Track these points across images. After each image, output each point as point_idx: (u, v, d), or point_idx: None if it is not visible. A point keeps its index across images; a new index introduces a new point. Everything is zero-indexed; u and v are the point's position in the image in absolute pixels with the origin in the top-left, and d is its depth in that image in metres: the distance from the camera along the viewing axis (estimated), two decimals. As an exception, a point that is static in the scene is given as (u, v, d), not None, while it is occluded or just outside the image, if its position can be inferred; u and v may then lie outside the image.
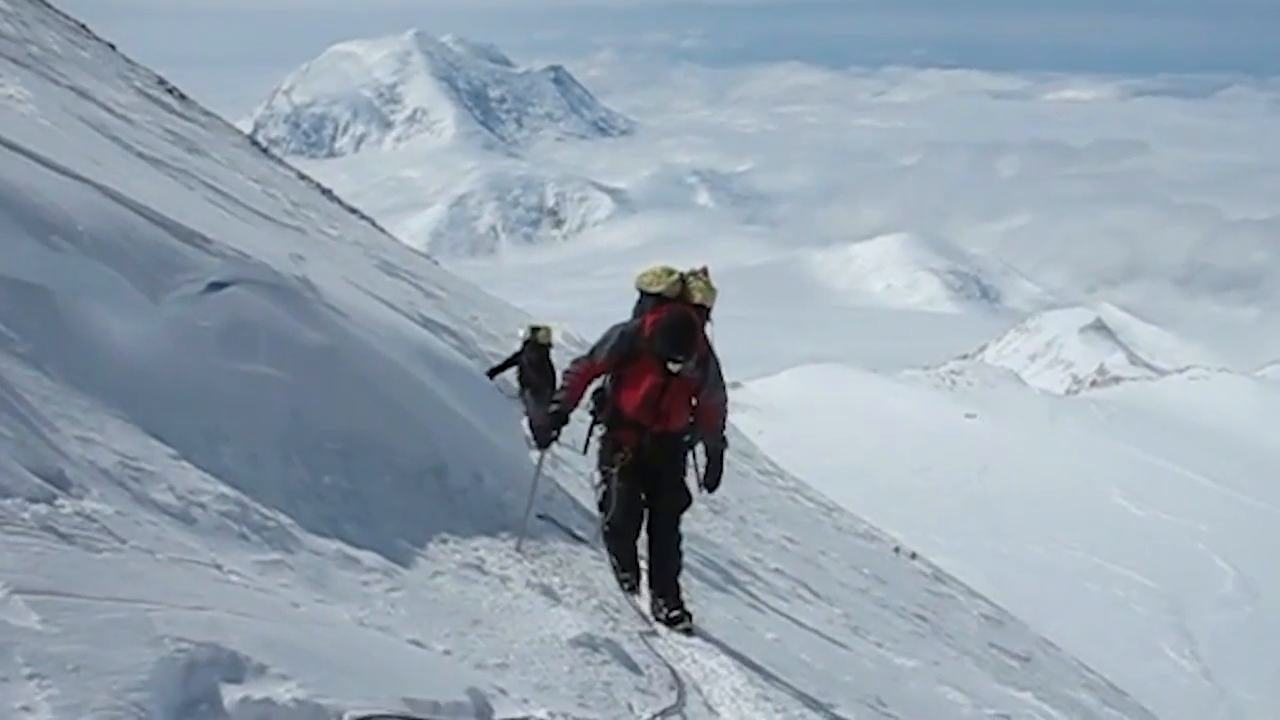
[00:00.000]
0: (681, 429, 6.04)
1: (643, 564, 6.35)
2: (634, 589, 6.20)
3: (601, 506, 6.23)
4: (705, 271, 6.17)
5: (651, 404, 5.91)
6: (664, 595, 6.04)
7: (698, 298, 5.97)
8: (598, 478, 6.24)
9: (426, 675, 3.64)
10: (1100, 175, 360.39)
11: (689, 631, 5.92)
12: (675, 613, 5.95)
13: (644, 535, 6.28)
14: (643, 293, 6.16)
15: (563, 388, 6.11)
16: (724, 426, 6.18)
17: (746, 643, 6.54)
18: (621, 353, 5.94)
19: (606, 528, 6.25)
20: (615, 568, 6.25)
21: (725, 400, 6.14)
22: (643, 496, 6.15)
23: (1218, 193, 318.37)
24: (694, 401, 6.06)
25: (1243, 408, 54.66)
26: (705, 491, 6.26)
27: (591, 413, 6.38)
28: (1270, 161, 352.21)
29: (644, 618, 5.94)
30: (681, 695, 4.84)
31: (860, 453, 39.85)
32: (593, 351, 6.07)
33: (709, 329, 6.02)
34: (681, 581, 6.23)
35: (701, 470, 6.23)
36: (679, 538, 6.17)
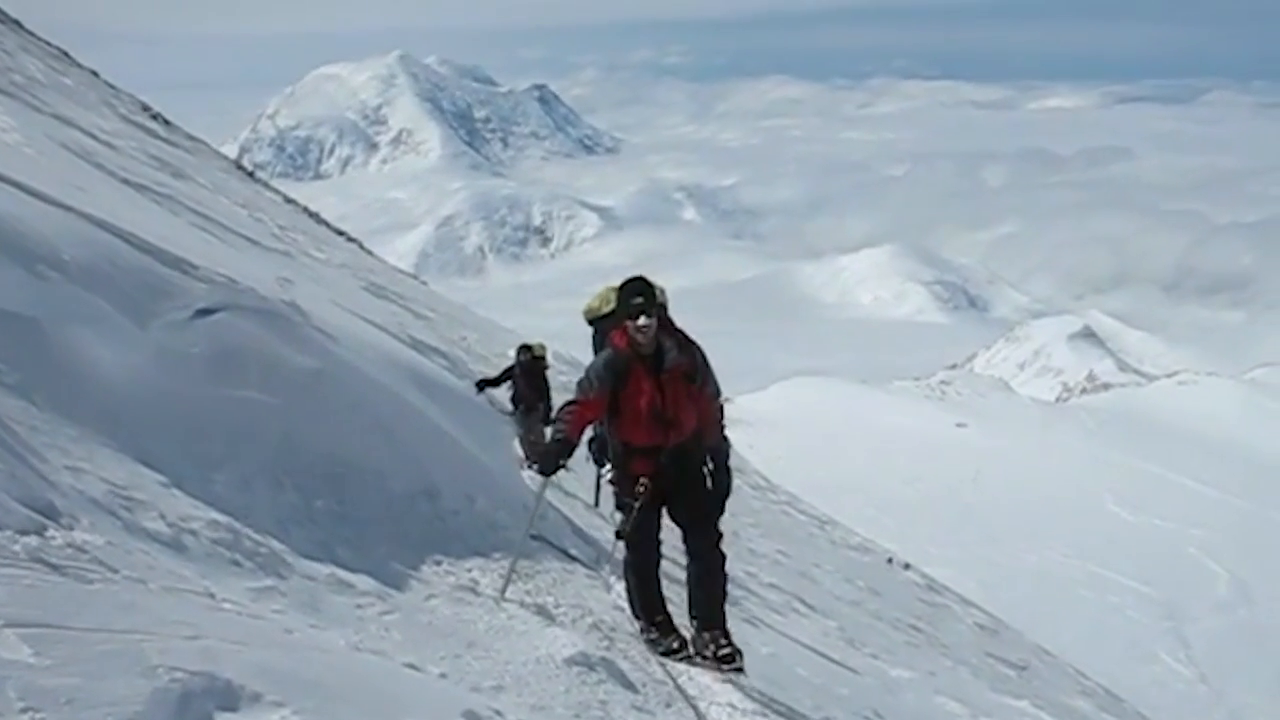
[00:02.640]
0: (695, 433, 5.69)
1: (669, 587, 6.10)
2: (682, 647, 5.75)
3: (625, 542, 5.90)
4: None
5: (657, 416, 5.59)
6: (709, 627, 5.69)
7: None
8: (619, 517, 5.85)
9: (423, 699, 3.63)
10: (1086, 183, 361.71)
11: (740, 670, 5.59)
12: (725, 650, 5.59)
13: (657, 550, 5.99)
14: (598, 320, 6.12)
15: (561, 425, 5.75)
16: (722, 423, 5.86)
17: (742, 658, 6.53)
18: (609, 381, 5.59)
19: (630, 559, 5.93)
20: (644, 629, 5.87)
21: (719, 394, 5.83)
22: (661, 524, 5.85)
23: (1203, 197, 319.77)
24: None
25: (1231, 411, 54.79)
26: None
27: (595, 460, 6.27)
28: (1254, 165, 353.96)
29: (679, 653, 5.68)
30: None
31: (852, 465, 39.80)
32: (581, 388, 5.73)
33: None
34: (728, 608, 5.90)
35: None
36: (722, 558, 5.82)
